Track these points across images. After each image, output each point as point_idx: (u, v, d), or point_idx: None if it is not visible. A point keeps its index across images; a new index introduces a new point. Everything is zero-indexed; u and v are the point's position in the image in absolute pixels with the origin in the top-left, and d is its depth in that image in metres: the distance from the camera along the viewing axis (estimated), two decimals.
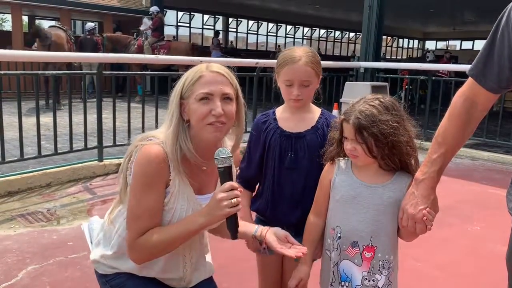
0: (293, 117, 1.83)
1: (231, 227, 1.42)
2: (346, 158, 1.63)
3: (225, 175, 1.39)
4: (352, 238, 1.56)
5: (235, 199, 1.36)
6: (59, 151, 4.84)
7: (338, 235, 1.59)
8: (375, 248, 1.55)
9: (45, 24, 14.98)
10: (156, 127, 5.53)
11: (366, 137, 1.47)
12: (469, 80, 1.41)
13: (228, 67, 1.52)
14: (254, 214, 1.97)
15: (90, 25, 11.81)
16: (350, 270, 1.57)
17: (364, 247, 1.55)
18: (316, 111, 1.86)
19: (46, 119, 6.29)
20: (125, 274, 1.55)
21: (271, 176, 1.81)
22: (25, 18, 14.32)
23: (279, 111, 1.88)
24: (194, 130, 1.46)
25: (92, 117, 5.16)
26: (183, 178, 1.46)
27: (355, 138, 1.50)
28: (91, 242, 1.72)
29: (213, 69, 1.46)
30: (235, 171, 1.66)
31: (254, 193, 1.96)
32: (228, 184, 1.38)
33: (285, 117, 1.84)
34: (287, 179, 1.79)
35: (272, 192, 1.81)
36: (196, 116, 1.43)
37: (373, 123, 1.47)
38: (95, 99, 5.61)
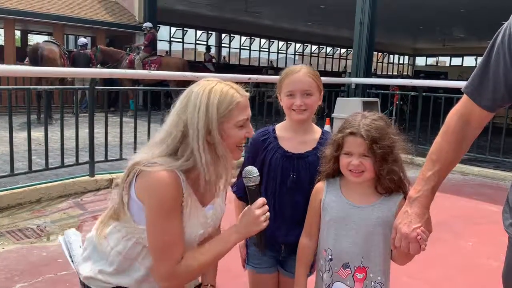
0: (295, 137, 1.81)
1: (263, 239, 1.54)
2: (334, 178, 1.62)
3: (256, 192, 1.50)
4: (343, 259, 1.55)
5: (267, 213, 1.49)
6: (50, 166, 4.80)
7: (329, 256, 1.57)
8: (366, 268, 1.53)
9: (38, 38, 15.03)
10: (148, 140, 5.51)
11: (376, 150, 1.46)
12: (464, 97, 1.41)
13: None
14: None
15: (82, 40, 11.82)
16: None
17: (355, 268, 1.53)
18: (317, 132, 1.85)
19: (38, 133, 6.25)
20: None
21: (271, 196, 1.78)
22: (17, 33, 14.32)
23: (280, 129, 1.85)
24: (221, 151, 1.45)
25: (84, 132, 5.14)
26: (193, 196, 1.46)
27: (364, 152, 1.48)
28: (70, 256, 1.69)
29: (244, 93, 1.49)
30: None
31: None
32: (261, 200, 1.49)
33: (286, 137, 1.82)
34: (289, 199, 1.77)
35: (274, 213, 1.76)
36: (233, 141, 1.47)
37: (383, 136, 1.47)
38: (87, 114, 5.59)
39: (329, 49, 29.61)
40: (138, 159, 1.44)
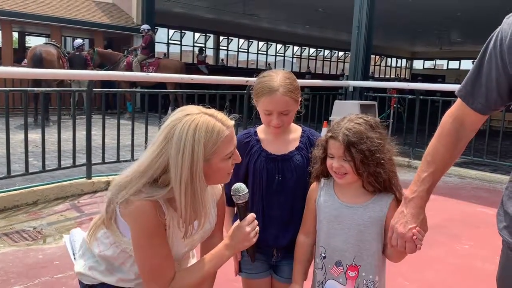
0: (276, 139, 1.80)
1: (252, 252, 1.59)
2: (328, 178, 1.65)
3: (245, 209, 1.53)
4: (336, 257, 1.59)
5: (257, 228, 1.52)
6: (47, 168, 4.79)
7: (323, 254, 1.61)
8: (358, 267, 1.56)
9: (35, 40, 15.02)
10: (146, 143, 5.51)
11: (354, 154, 1.49)
12: (458, 100, 1.43)
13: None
14: None
15: (78, 41, 11.77)
16: None
17: (347, 266, 1.57)
18: (297, 130, 1.84)
19: (34, 135, 6.24)
20: (111, 286, 1.56)
21: (259, 200, 1.77)
22: (15, 34, 14.31)
23: (261, 132, 1.84)
24: (209, 181, 1.47)
25: (81, 134, 5.12)
26: (175, 218, 1.47)
27: (343, 155, 1.52)
28: (73, 254, 1.72)
29: (229, 124, 1.45)
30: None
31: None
32: (250, 216, 1.52)
33: (268, 139, 1.81)
34: (276, 202, 1.77)
35: (262, 216, 1.77)
36: (223, 172, 1.48)
37: (361, 140, 1.50)
38: (84, 116, 5.59)
39: (327, 52, 29.68)
40: (122, 182, 1.43)
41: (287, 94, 1.70)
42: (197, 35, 22.48)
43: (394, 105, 8.66)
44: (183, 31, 21.52)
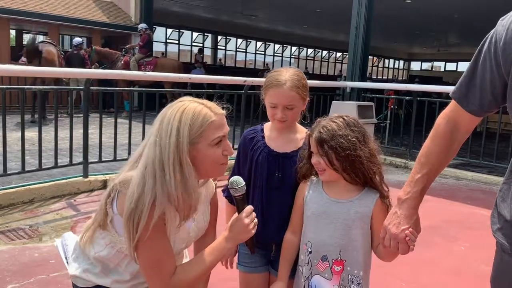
0: (280, 137, 1.84)
1: (252, 244, 1.61)
2: (318, 177, 1.69)
3: (243, 202, 1.54)
4: (321, 252, 1.61)
5: (255, 220, 1.53)
6: (43, 167, 4.77)
7: (309, 249, 1.64)
8: (344, 261, 1.59)
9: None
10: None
11: (326, 150, 1.56)
12: (452, 102, 1.44)
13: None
14: None
15: (77, 40, 11.76)
16: (321, 286, 1.61)
17: (333, 261, 1.60)
18: (302, 132, 1.87)
19: (31, 133, 6.22)
20: (106, 287, 1.57)
21: (259, 196, 1.80)
22: (12, 32, 14.26)
23: (267, 129, 1.88)
24: (201, 171, 1.47)
25: (78, 133, 5.11)
26: (172, 213, 1.47)
27: (317, 152, 1.59)
28: (66, 258, 1.72)
29: (218, 111, 1.47)
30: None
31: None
32: (248, 208, 1.52)
33: (273, 136, 1.85)
34: (276, 198, 1.79)
35: (261, 212, 1.79)
36: (212, 160, 1.46)
37: (332, 137, 1.56)
38: (81, 114, 5.57)
39: (324, 52, 29.72)
40: (121, 178, 1.44)
41: (293, 89, 1.74)
42: (195, 34, 22.48)
43: (392, 107, 8.67)
44: (181, 30, 21.52)
